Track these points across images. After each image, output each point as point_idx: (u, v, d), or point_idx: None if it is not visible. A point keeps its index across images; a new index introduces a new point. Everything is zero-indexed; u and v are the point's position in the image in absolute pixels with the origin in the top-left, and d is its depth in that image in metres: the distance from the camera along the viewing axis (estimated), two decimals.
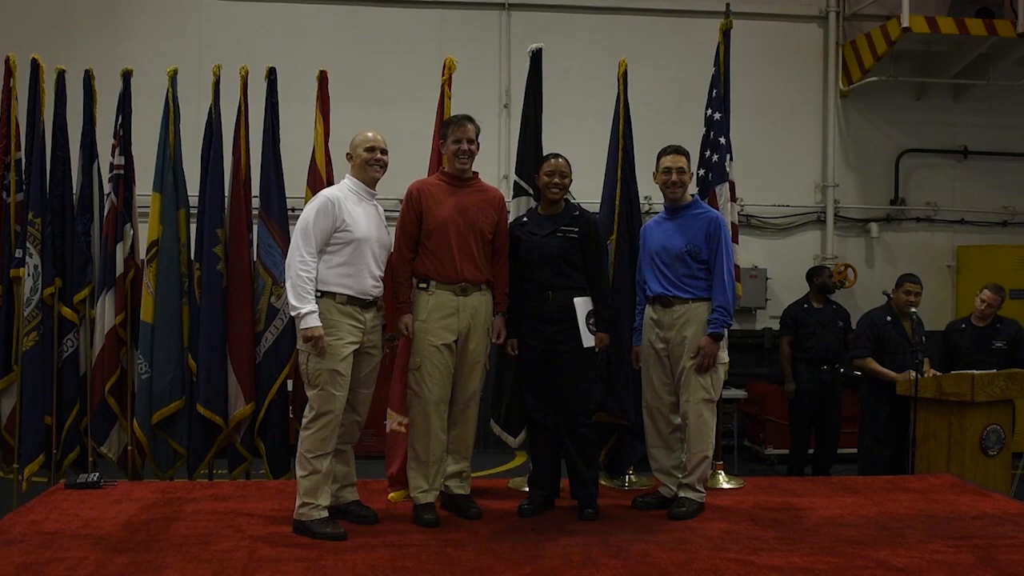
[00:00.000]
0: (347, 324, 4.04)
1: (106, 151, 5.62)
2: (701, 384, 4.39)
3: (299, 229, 4.05)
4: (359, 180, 4.22)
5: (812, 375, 6.92)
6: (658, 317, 4.47)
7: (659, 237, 4.53)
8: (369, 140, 4.22)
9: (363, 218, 4.12)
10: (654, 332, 4.49)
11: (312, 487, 4.01)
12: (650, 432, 4.57)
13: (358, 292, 4.07)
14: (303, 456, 4.02)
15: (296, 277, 3.98)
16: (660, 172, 4.50)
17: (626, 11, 8.80)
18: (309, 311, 3.95)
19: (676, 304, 4.42)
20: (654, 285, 4.49)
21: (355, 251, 4.06)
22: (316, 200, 4.12)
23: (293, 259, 4.02)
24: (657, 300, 4.48)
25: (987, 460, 5.68)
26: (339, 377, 4.01)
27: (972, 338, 6.28)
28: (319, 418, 4.01)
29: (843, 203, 9.15)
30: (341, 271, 4.04)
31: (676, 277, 4.42)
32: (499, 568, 3.59)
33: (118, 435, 5.45)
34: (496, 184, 8.46)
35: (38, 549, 3.73)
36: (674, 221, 4.52)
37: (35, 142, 5.44)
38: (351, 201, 4.13)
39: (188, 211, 5.55)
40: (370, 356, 4.21)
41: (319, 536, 3.94)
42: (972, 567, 3.65)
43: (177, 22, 8.35)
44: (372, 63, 8.45)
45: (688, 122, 6.25)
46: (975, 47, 8.63)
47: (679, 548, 3.85)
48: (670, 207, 4.56)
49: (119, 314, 5.41)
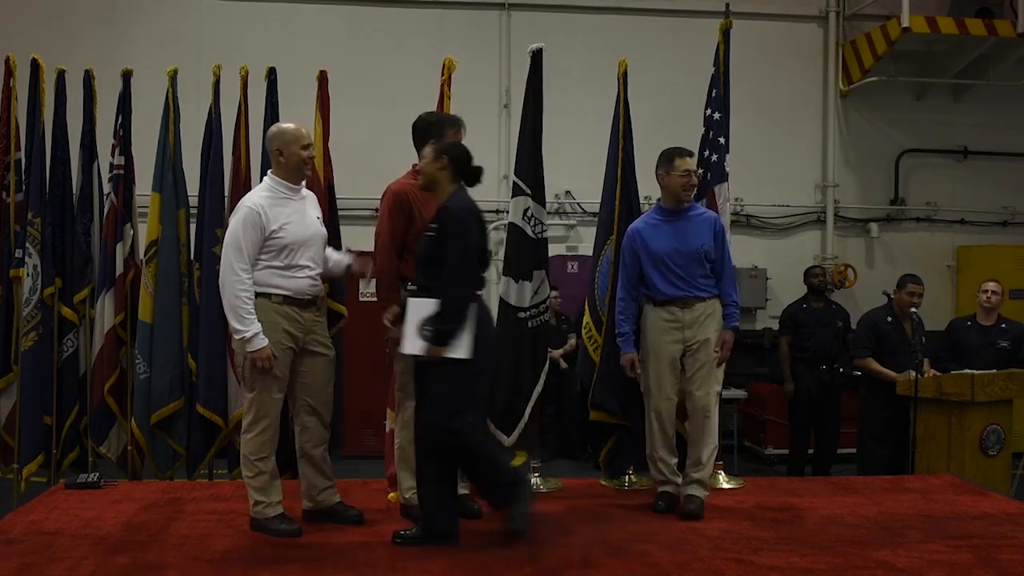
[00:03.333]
0: (283, 325, 3.92)
1: (106, 151, 5.62)
2: (716, 378, 4.49)
3: (228, 244, 3.87)
4: (285, 179, 4.01)
5: (811, 375, 6.93)
6: (676, 318, 4.45)
7: (665, 239, 4.49)
8: (304, 136, 4.02)
9: (293, 220, 3.96)
10: (669, 334, 4.46)
11: (261, 486, 3.97)
12: (657, 435, 4.51)
13: (295, 292, 3.96)
14: (247, 459, 3.96)
15: (234, 297, 3.81)
16: (676, 174, 4.47)
17: (626, 11, 8.81)
18: (254, 333, 3.82)
19: (696, 304, 4.45)
20: (667, 288, 4.46)
21: (289, 255, 3.93)
22: (240, 212, 3.92)
23: (227, 277, 3.84)
24: (673, 302, 4.45)
25: (987, 460, 5.67)
26: (274, 380, 3.91)
27: (977, 336, 6.27)
28: (258, 422, 3.93)
29: (843, 203, 9.16)
30: (275, 272, 3.92)
31: (693, 278, 4.45)
32: (499, 568, 3.59)
33: (117, 435, 5.45)
34: (496, 184, 8.53)
35: (38, 549, 3.72)
36: (676, 223, 4.51)
37: (35, 142, 5.44)
38: (277, 204, 3.94)
39: (188, 211, 5.55)
40: (320, 355, 4.09)
41: (274, 533, 3.91)
42: (972, 567, 3.64)
43: (177, 22, 8.36)
44: (372, 63, 8.45)
45: (688, 122, 6.24)
46: (975, 47, 8.64)
47: (679, 548, 3.85)
48: (673, 209, 4.54)
49: (119, 314, 5.41)
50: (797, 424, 7.11)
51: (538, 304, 4.98)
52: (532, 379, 4.94)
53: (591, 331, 5.18)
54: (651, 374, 4.49)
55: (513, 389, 4.93)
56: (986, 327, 6.28)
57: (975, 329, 6.32)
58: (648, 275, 4.50)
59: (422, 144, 4.20)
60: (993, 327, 6.26)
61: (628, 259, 4.57)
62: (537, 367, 4.97)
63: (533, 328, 4.97)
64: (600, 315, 5.12)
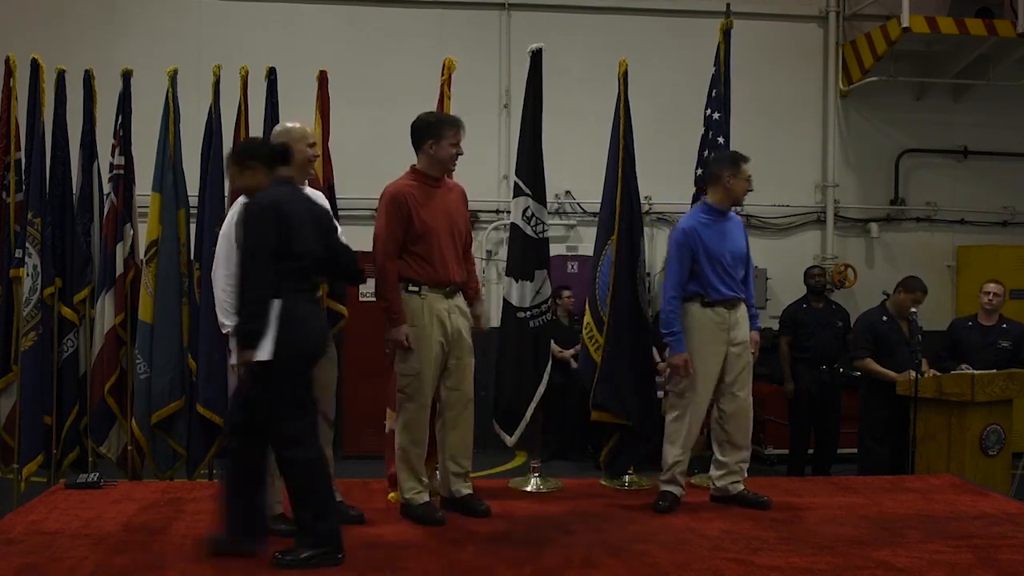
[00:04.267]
0: None
1: (106, 151, 5.62)
2: (750, 378, 4.61)
3: (224, 239, 3.85)
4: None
5: (811, 375, 6.93)
6: (723, 319, 4.50)
7: (718, 239, 4.51)
8: (309, 135, 4.02)
9: None
10: (717, 335, 4.48)
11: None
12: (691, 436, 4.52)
13: None
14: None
15: (226, 293, 3.78)
16: (742, 179, 4.53)
17: (626, 11, 8.80)
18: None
19: (739, 305, 4.56)
20: (723, 288, 4.49)
21: None
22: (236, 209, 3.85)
23: (219, 272, 3.83)
24: (723, 303, 4.50)
25: (987, 460, 5.67)
26: None
27: (979, 336, 6.26)
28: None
29: (843, 203, 9.16)
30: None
31: (738, 279, 4.56)
32: (499, 568, 3.59)
33: (117, 435, 5.46)
34: (496, 184, 8.53)
35: (38, 549, 3.72)
36: (724, 224, 4.57)
37: (35, 142, 5.44)
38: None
39: (188, 211, 5.56)
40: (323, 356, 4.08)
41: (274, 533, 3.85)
42: (972, 567, 3.64)
43: (177, 22, 8.35)
44: (372, 63, 8.45)
45: (688, 122, 6.25)
46: (975, 47, 8.63)
47: (679, 548, 3.85)
48: (724, 210, 4.58)
49: (119, 314, 5.41)
50: (797, 424, 7.11)
51: (539, 304, 4.98)
52: (534, 380, 4.94)
53: (592, 331, 5.18)
54: (699, 374, 4.48)
55: (515, 390, 4.94)
56: (987, 327, 6.27)
57: (976, 329, 6.31)
58: (704, 275, 4.48)
59: (421, 144, 4.21)
60: (994, 327, 6.26)
61: (685, 256, 4.48)
62: (539, 367, 4.97)
63: (535, 328, 4.97)
64: (601, 315, 5.11)
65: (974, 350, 6.19)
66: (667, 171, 7.16)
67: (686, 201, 5.40)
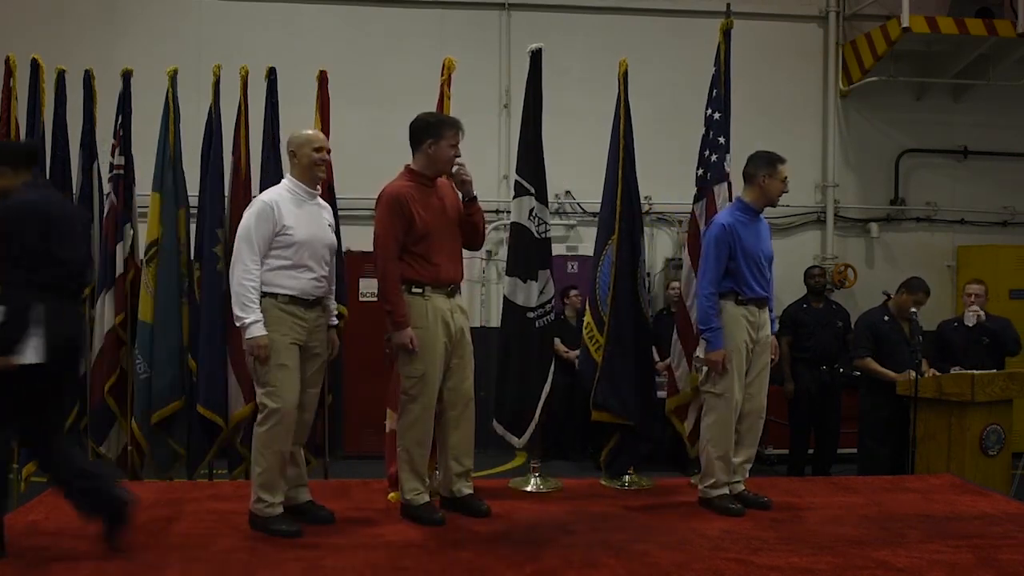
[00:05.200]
0: (289, 321, 3.99)
1: (106, 151, 5.62)
2: (767, 380, 4.61)
3: (240, 237, 3.98)
4: (301, 181, 4.10)
5: (811, 375, 6.93)
6: (754, 318, 4.51)
7: (753, 238, 4.51)
8: (316, 139, 4.12)
9: (304, 220, 4.04)
10: (747, 334, 4.49)
11: (266, 483, 3.98)
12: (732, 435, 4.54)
13: (300, 292, 4.02)
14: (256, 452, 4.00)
15: (239, 286, 3.92)
16: (779, 180, 4.49)
17: (626, 11, 8.81)
18: (253, 321, 3.90)
19: (766, 305, 4.58)
20: (756, 287, 4.50)
21: (296, 253, 4.00)
22: (254, 206, 4.04)
23: (236, 268, 3.95)
24: (754, 301, 4.51)
25: (987, 460, 5.68)
26: (287, 371, 3.97)
27: (963, 336, 6.28)
28: (272, 415, 3.96)
29: (843, 203, 9.16)
30: (283, 273, 3.99)
31: (767, 279, 4.58)
32: (499, 568, 3.59)
33: (117, 435, 5.45)
34: (496, 184, 8.53)
35: (38, 549, 3.73)
36: (757, 225, 4.57)
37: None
38: (291, 203, 4.03)
39: (188, 211, 5.55)
40: (316, 356, 4.15)
41: (274, 533, 3.93)
42: (972, 567, 3.65)
43: (177, 22, 8.35)
44: (372, 63, 8.45)
45: (688, 122, 6.25)
46: (975, 47, 8.64)
47: (679, 548, 3.85)
48: (758, 210, 4.57)
49: (119, 314, 5.41)
50: (797, 424, 7.11)
51: (544, 304, 4.99)
52: (541, 380, 4.95)
53: (592, 331, 5.17)
54: (735, 372, 4.46)
55: (522, 390, 4.94)
56: (971, 327, 6.29)
57: (960, 330, 6.33)
58: (740, 272, 4.46)
59: (419, 143, 4.21)
60: (976, 325, 6.27)
61: (722, 253, 4.43)
62: (544, 367, 4.97)
63: (541, 328, 4.98)
64: (602, 315, 5.11)
65: (962, 350, 6.21)
66: (667, 171, 7.17)
67: (686, 201, 5.39)
